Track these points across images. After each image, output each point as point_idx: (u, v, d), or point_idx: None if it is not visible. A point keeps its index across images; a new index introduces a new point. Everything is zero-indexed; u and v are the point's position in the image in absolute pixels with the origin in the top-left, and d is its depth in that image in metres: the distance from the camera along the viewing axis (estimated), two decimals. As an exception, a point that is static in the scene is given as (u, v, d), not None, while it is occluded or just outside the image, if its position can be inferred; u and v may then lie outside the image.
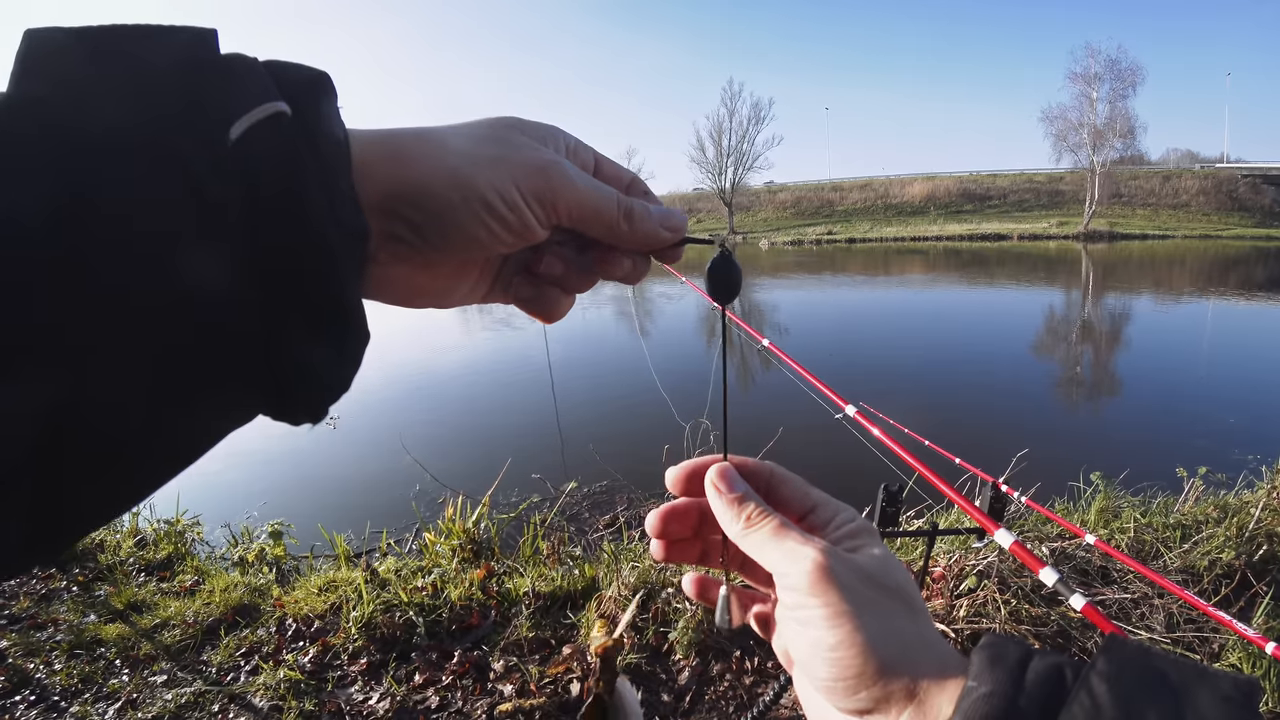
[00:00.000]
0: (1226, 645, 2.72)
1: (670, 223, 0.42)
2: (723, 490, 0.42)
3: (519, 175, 0.36)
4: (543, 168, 0.36)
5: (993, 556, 3.02)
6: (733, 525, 0.40)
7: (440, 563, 3.54)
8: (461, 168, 0.35)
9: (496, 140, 0.37)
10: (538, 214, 0.37)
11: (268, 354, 0.29)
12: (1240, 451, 5.51)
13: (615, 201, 0.39)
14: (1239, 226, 46.10)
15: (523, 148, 0.37)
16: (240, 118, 0.28)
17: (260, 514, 5.18)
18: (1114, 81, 45.09)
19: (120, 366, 0.25)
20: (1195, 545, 3.40)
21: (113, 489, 0.28)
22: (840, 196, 60.60)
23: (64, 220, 0.24)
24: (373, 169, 0.33)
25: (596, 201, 0.38)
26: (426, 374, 10.32)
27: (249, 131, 0.28)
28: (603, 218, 0.39)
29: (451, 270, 0.39)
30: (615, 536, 4.13)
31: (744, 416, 6.68)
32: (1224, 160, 53.66)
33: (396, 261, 0.36)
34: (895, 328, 14.32)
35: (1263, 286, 20.69)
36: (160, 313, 0.26)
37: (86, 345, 0.25)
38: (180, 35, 0.29)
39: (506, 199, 0.36)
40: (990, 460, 3.45)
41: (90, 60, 0.26)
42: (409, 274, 0.38)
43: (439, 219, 0.35)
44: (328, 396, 0.33)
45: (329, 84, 0.33)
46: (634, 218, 0.40)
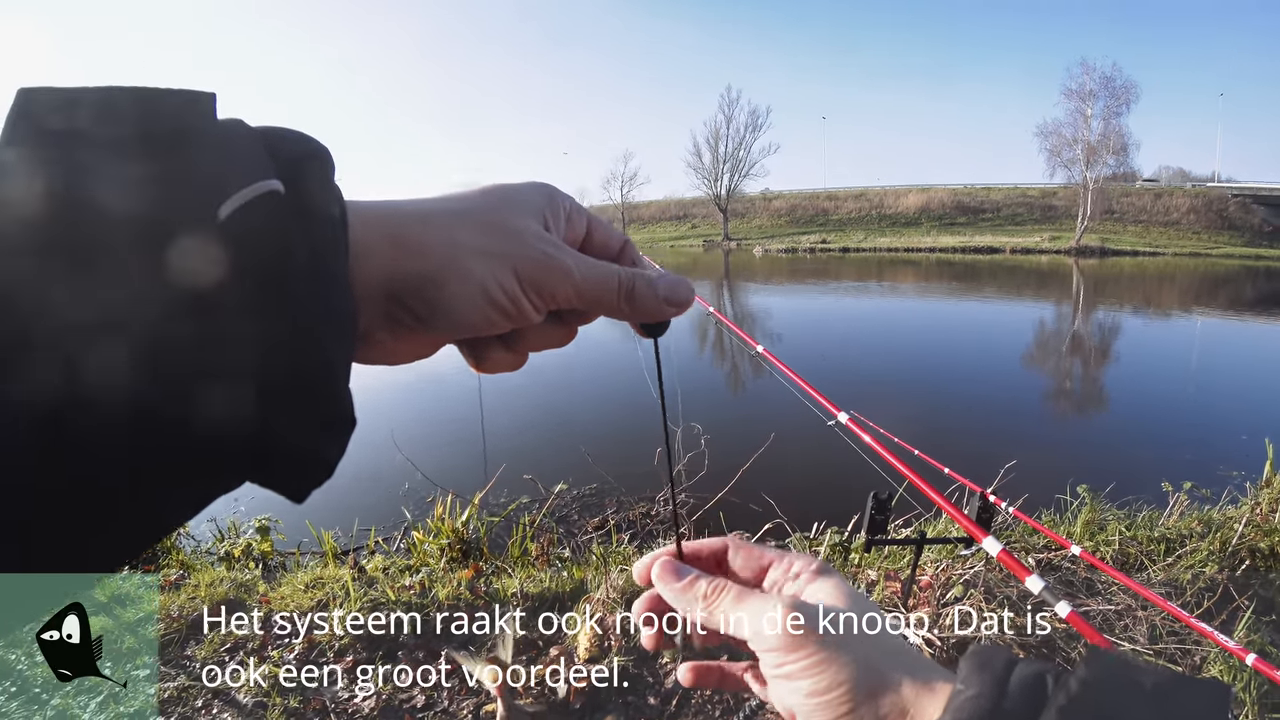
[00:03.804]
0: (1209, 657, 2.75)
1: (676, 297, 0.41)
2: (670, 583, 0.43)
3: (520, 267, 0.36)
4: (542, 262, 0.37)
5: (979, 566, 3.04)
6: (694, 609, 0.42)
7: (428, 562, 3.54)
8: (464, 260, 0.35)
9: (498, 228, 0.36)
10: (535, 303, 0.37)
11: (252, 438, 0.28)
12: (1225, 467, 5.56)
13: (616, 283, 0.39)
14: (1229, 245, 46.50)
15: (523, 235, 0.37)
16: (231, 196, 0.27)
17: (247, 509, 5.15)
18: (1108, 98, 45.47)
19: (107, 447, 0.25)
20: (1179, 559, 3.43)
21: (99, 554, 0.28)
22: (835, 205, 60.76)
23: None
24: (373, 253, 0.33)
25: (597, 289, 0.39)
26: (419, 372, 10.28)
27: (239, 211, 0.27)
28: (603, 302, 0.39)
29: (441, 338, 0.40)
30: (604, 539, 4.13)
31: (736, 421, 6.69)
32: (1215, 179, 54.14)
33: (395, 339, 0.37)
34: (888, 337, 14.39)
35: (1251, 305, 20.89)
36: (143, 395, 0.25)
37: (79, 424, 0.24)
38: (174, 100, 0.28)
39: (507, 291, 0.36)
40: (978, 470, 3.47)
41: (83, 126, 0.26)
42: (401, 347, 0.38)
43: (441, 309, 0.35)
44: (310, 481, 0.32)
45: (327, 158, 0.32)
46: (635, 298, 0.40)
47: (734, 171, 58.24)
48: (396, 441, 6.06)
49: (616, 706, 2.62)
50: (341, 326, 0.31)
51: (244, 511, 5.08)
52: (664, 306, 0.40)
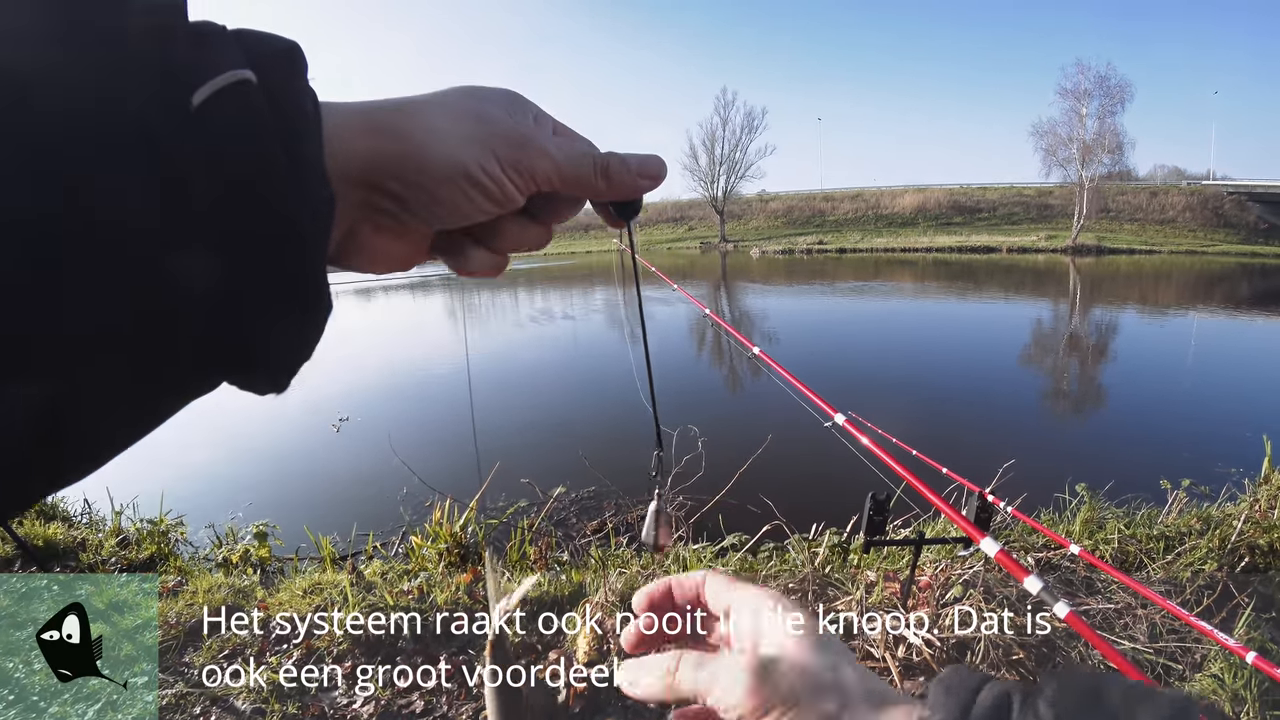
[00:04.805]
0: (1209, 655, 2.75)
1: (649, 170, 0.42)
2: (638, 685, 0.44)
3: (499, 148, 0.37)
4: (520, 140, 0.38)
5: (979, 566, 3.04)
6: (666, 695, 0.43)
7: (426, 566, 3.53)
8: (443, 141, 0.35)
9: (473, 114, 0.37)
10: (518, 184, 0.38)
11: (230, 325, 0.29)
12: (1223, 465, 5.56)
13: (592, 161, 0.40)
14: (1224, 243, 46.62)
15: (499, 121, 0.37)
16: (203, 85, 0.27)
17: (245, 515, 5.14)
18: (1103, 98, 45.60)
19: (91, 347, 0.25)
20: (1178, 556, 3.44)
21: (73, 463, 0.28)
22: (831, 206, 60.85)
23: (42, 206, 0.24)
24: (351, 141, 0.33)
25: (575, 167, 0.39)
26: (416, 376, 10.28)
27: (211, 99, 0.27)
28: (581, 179, 0.40)
29: (423, 237, 0.40)
30: (603, 542, 4.12)
31: (733, 423, 6.69)
32: (1210, 177, 54.29)
33: (376, 233, 0.37)
34: (885, 337, 14.40)
35: (1247, 302, 20.94)
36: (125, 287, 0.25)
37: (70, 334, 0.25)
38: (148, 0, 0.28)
39: (489, 172, 0.36)
40: (977, 470, 3.47)
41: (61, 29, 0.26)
42: (385, 243, 0.38)
43: (423, 192, 0.36)
44: (290, 366, 0.32)
45: (299, 55, 0.32)
46: (611, 174, 0.41)
47: (730, 173, 58.36)
48: (393, 446, 6.07)
49: (616, 709, 2.62)
50: (317, 211, 0.31)
51: (242, 518, 5.08)
52: (639, 180, 0.42)
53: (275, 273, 0.30)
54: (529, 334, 15.47)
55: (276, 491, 5.84)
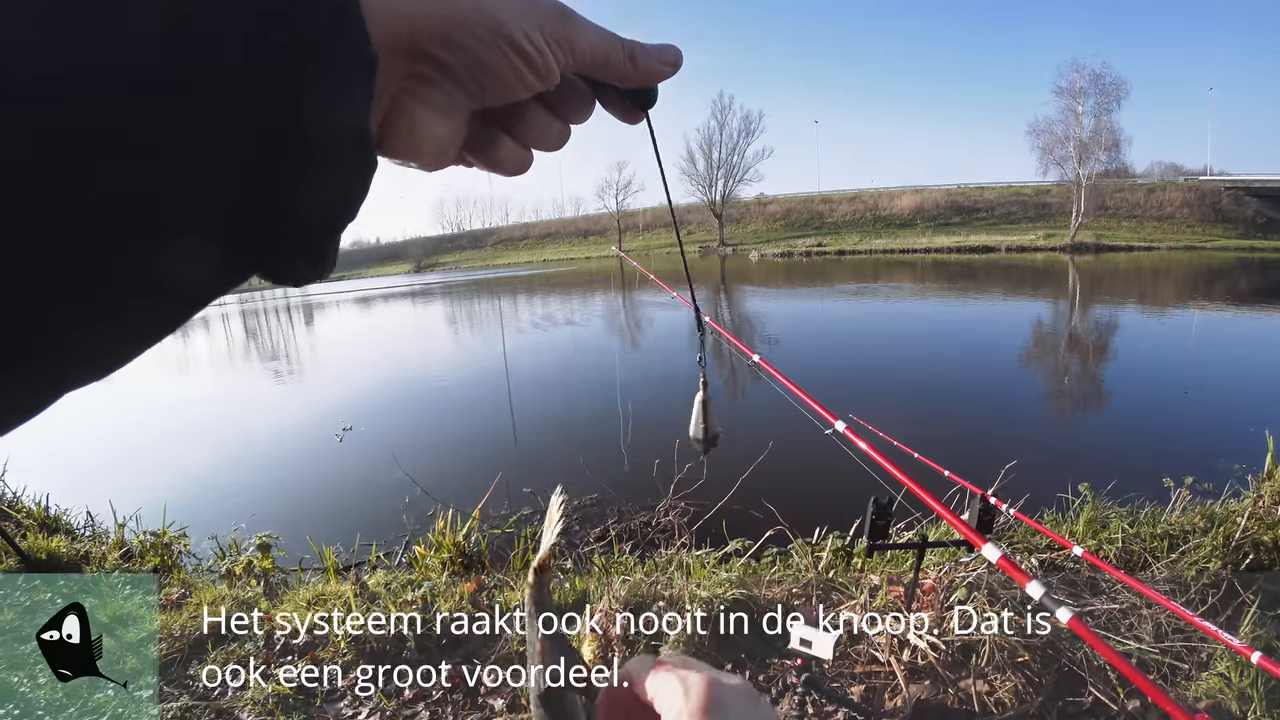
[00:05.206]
0: (1214, 654, 2.74)
1: (668, 56, 0.44)
2: None
3: (543, 19, 0.37)
4: (562, 15, 0.39)
5: (982, 569, 3.04)
6: None
7: (430, 576, 3.53)
8: (491, 8, 0.36)
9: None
10: (559, 56, 0.39)
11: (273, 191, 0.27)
12: (1226, 461, 5.55)
13: (620, 44, 0.42)
14: (1223, 238, 46.65)
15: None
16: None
17: (249, 526, 5.14)
18: (1099, 96, 45.73)
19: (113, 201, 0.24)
20: (1182, 555, 3.43)
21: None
22: (830, 209, 60.93)
23: None
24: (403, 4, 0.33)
25: (607, 45, 0.41)
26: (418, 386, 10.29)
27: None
28: (612, 60, 0.42)
29: (463, 121, 0.39)
30: (606, 550, 4.12)
31: (734, 429, 6.68)
32: (1207, 173, 54.32)
33: (419, 105, 0.36)
34: (885, 338, 14.40)
35: (1247, 297, 20.93)
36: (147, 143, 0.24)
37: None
38: None
39: (533, 41, 0.37)
40: (979, 472, 3.47)
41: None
42: (427, 121, 0.37)
43: (470, 57, 0.36)
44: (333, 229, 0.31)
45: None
46: (637, 57, 0.42)
47: (728, 177, 58.48)
48: (395, 456, 6.07)
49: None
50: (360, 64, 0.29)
51: (245, 529, 5.08)
52: (662, 66, 0.44)
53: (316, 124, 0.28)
54: (529, 340, 15.50)
55: (279, 502, 5.84)
